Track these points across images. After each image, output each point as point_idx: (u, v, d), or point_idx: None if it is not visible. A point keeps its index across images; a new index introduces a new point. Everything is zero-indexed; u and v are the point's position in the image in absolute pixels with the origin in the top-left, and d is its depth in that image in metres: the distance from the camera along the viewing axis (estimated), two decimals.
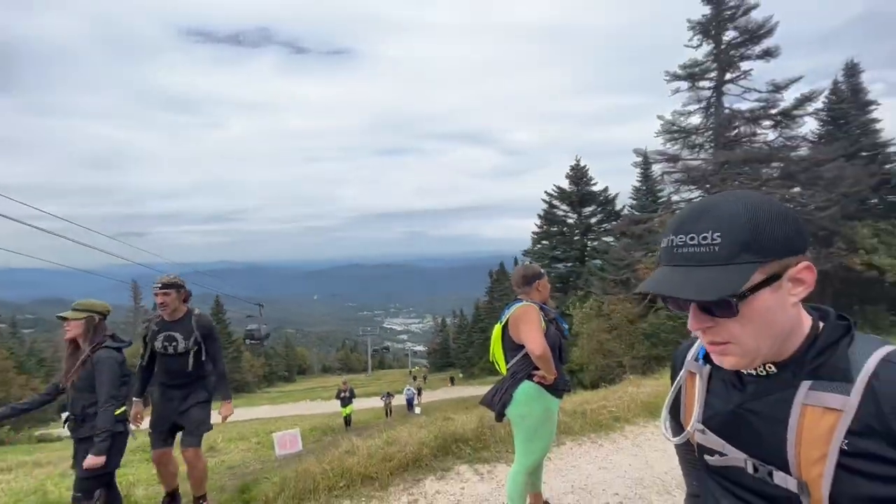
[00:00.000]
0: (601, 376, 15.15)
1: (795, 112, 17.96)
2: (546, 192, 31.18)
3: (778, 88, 17.78)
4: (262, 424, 14.76)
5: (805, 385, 0.66)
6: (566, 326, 2.80)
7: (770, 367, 0.70)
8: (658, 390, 5.99)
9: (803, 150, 18.15)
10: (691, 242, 0.65)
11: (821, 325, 0.70)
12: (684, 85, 19.20)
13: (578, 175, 30.20)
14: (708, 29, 18.41)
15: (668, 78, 19.43)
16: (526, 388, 2.52)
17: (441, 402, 22.11)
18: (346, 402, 15.00)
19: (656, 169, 21.84)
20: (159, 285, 3.17)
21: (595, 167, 30.60)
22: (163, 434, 3.20)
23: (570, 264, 29.62)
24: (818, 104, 19.59)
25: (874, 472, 0.59)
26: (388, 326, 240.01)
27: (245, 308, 32.18)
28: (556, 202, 30.93)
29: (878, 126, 21.03)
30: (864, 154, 20.03)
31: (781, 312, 0.66)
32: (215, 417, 3.34)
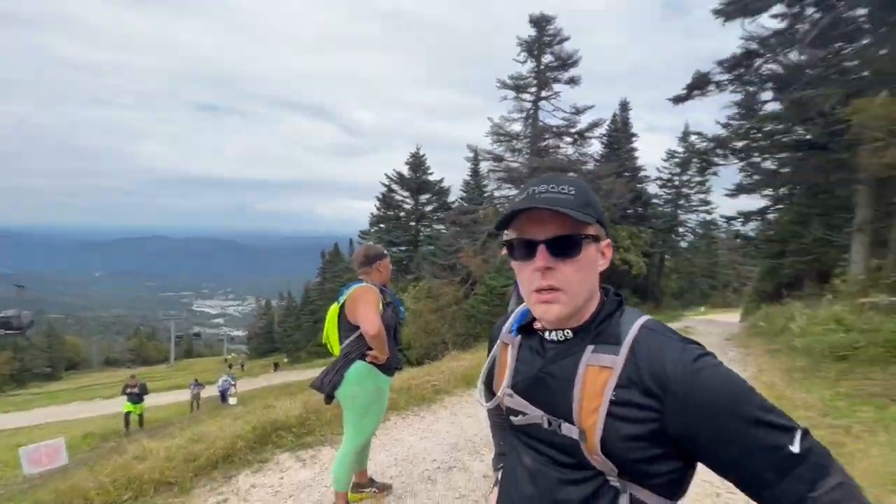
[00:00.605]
0: (426, 353, 16.22)
1: (587, 134, 22.11)
2: (387, 175, 31.51)
3: (577, 112, 21.55)
4: (6, 437, 11.29)
5: (589, 348, 0.78)
6: (402, 309, 2.87)
7: (567, 333, 0.82)
8: (474, 363, 6.71)
9: (590, 166, 22.52)
10: (552, 190, 0.79)
11: (604, 299, 0.85)
12: (511, 94, 21.64)
13: (418, 163, 31.31)
14: (532, 49, 21.07)
15: (499, 85, 21.61)
16: (358, 368, 2.51)
17: (262, 389, 20.49)
18: (135, 399, 12.57)
19: (484, 166, 24.23)
20: None
21: (433, 158, 32.21)
22: None
23: (404, 248, 30.70)
24: (602, 129, 24.52)
25: (631, 416, 0.72)
26: (200, 309, 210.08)
27: None
28: (395, 187, 31.53)
29: (636, 154, 27.59)
30: (626, 174, 25.97)
31: (595, 271, 0.82)
32: None
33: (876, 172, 8.86)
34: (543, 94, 21.54)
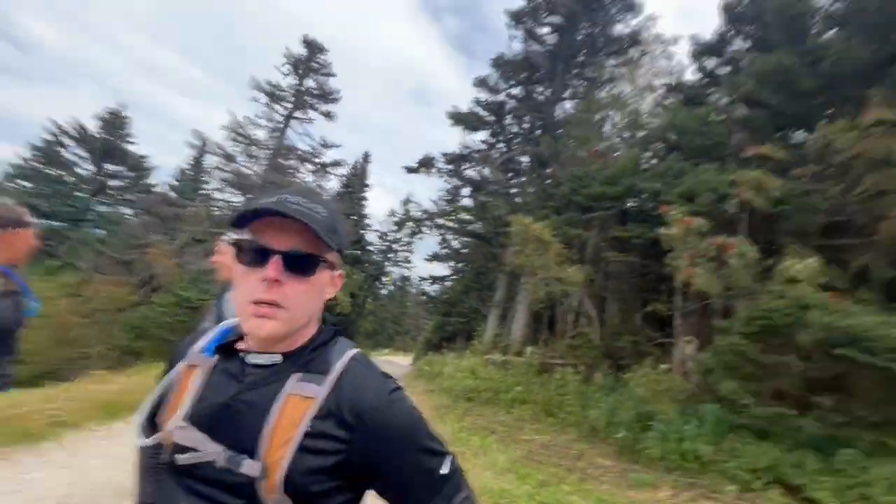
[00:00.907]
0: (54, 371, 11.84)
1: (330, 169, 22.89)
2: (57, 121, 23.08)
3: (326, 145, 22.16)
4: None
5: (295, 377, 0.74)
6: (35, 304, 2.04)
7: (276, 357, 0.76)
8: (129, 387, 5.34)
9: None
10: (305, 204, 0.74)
11: (321, 327, 0.84)
12: (263, 98, 20.32)
13: (116, 124, 24.47)
14: (297, 67, 20.74)
15: (252, 84, 19.98)
16: None
17: None
18: None
19: (211, 161, 21.24)
20: None
21: (141, 125, 25.95)
22: None
23: (57, 223, 22.53)
24: (343, 170, 25.93)
25: (321, 447, 0.70)
26: None
27: None
28: (68, 140, 23.36)
29: (366, 203, 30.36)
30: (354, 217, 28.02)
31: (321, 296, 0.80)
32: None
33: (511, 269, 12.74)
34: (298, 114, 21.21)
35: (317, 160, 22.21)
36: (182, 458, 0.72)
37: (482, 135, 16.06)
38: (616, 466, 5.86)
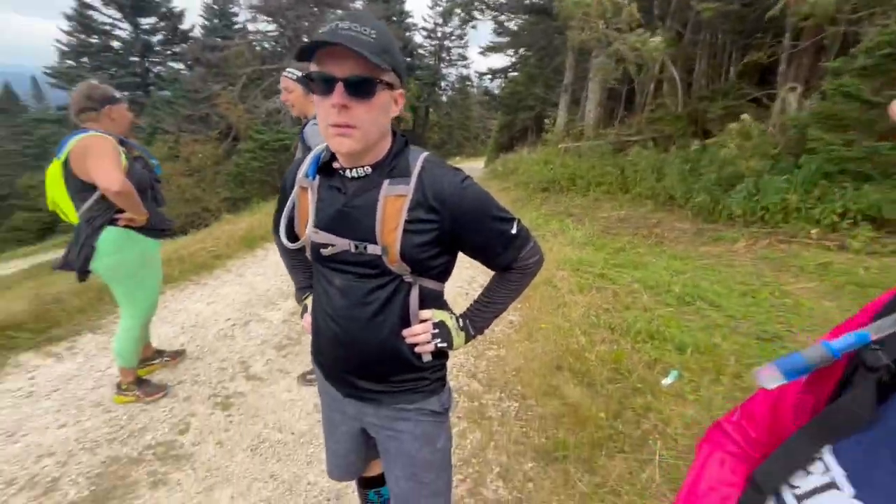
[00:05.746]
0: (190, 223, 14.27)
1: None
2: None
3: None
4: None
5: (386, 182, 0.94)
6: (156, 162, 2.45)
7: (367, 170, 0.95)
8: (254, 223, 6.41)
9: (358, 4, 20.68)
10: (356, 29, 0.81)
11: (394, 140, 0.98)
12: None
13: None
14: None
15: None
16: (110, 236, 2.17)
17: None
18: None
19: None
20: None
21: None
22: None
23: (128, 93, 23.59)
24: None
25: (420, 228, 0.94)
26: None
27: None
28: (95, 3, 22.34)
29: None
30: (394, 19, 25.02)
31: (387, 114, 0.92)
32: None
33: (577, 46, 11.17)
34: None
35: None
36: (325, 252, 1.00)
37: None
38: (693, 228, 6.12)
